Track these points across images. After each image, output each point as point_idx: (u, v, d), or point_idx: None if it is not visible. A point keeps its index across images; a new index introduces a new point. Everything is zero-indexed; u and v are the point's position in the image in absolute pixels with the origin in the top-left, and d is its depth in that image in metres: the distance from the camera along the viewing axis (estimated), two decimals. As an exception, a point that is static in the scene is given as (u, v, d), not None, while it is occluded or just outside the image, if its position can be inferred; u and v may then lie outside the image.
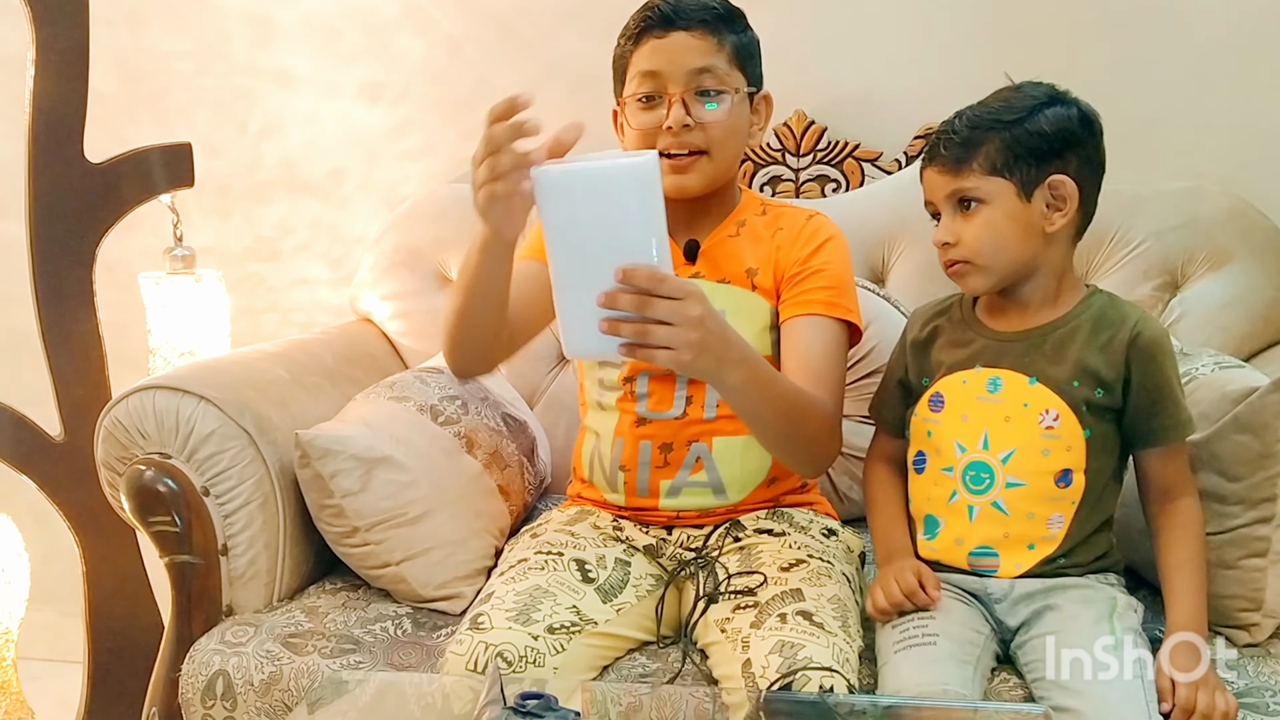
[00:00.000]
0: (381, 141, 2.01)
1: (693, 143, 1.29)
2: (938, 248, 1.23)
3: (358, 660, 1.29)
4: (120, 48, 2.00)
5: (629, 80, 1.33)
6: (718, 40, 1.30)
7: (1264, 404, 1.19)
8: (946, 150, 1.20)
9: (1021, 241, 1.19)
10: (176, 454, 1.36)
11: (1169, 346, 1.20)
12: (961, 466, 1.22)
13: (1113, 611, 1.16)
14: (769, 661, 1.11)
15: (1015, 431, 1.20)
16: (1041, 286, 1.23)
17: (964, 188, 1.19)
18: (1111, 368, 1.18)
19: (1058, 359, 1.20)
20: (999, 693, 1.18)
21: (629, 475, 1.36)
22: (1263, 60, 1.73)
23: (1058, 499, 1.19)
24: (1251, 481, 1.21)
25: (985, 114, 1.20)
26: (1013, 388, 1.21)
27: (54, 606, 1.99)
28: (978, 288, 1.23)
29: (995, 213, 1.18)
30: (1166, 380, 1.19)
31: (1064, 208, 1.19)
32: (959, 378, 1.24)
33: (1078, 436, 1.19)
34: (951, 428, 1.24)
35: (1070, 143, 1.19)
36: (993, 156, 1.18)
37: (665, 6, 1.30)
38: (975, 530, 1.22)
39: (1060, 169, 1.18)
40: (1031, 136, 1.18)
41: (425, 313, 1.84)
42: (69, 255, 1.66)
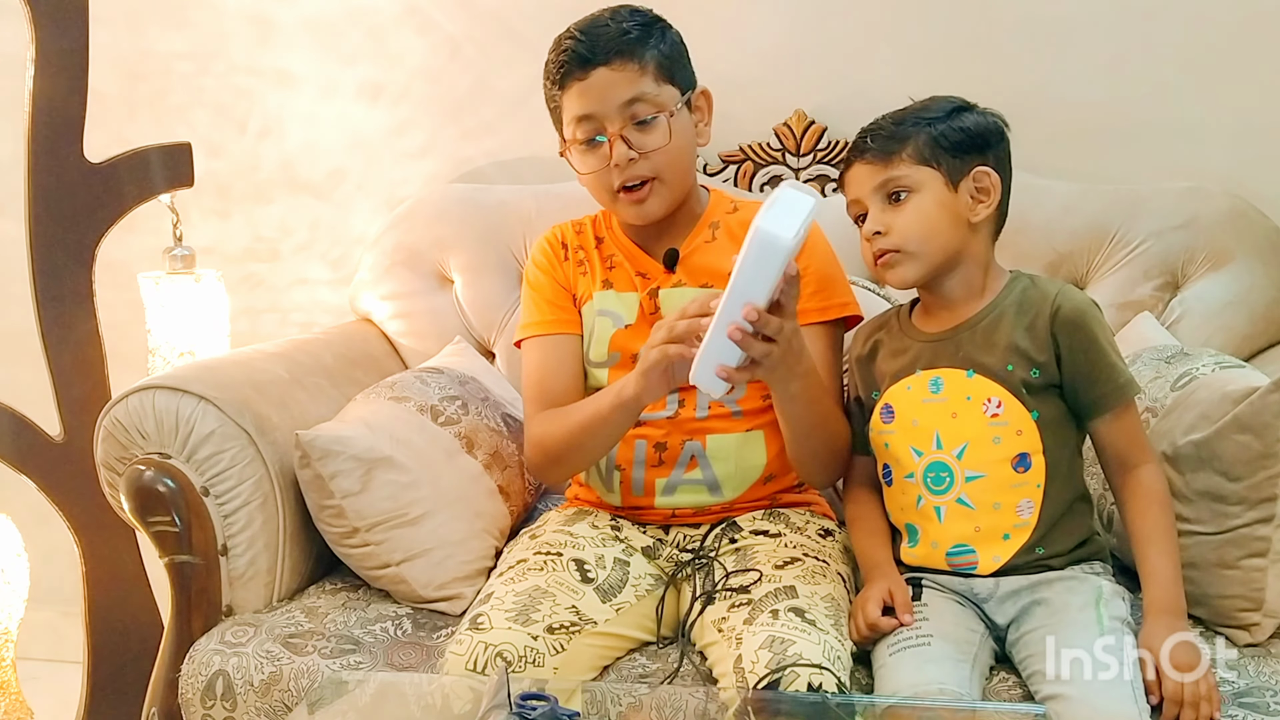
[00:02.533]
0: (381, 141, 2.01)
1: (641, 173, 1.31)
2: (866, 241, 1.25)
3: (358, 660, 1.29)
4: (120, 48, 2.00)
5: (566, 124, 1.34)
6: (639, 65, 1.30)
7: (1264, 404, 1.19)
8: (874, 143, 1.24)
9: (950, 229, 1.22)
10: (176, 454, 1.36)
11: (1094, 313, 1.22)
12: (921, 470, 1.24)
13: (1099, 599, 1.17)
14: (758, 656, 1.11)
15: (963, 426, 1.22)
16: (966, 280, 1.25)
17: (894, 176, 1.22)
18: (1040, 346, 1.20)
19: (989, 347, 1.22)
20: (998, 692, 1.18)
21: (624, 474, 1.36)
22: (1263, 60, 1.73)
23: (1020, 484, 1.21)
24: (1252, 481, 1.21)
25: (908, 114, 1.25)
26: (953, 384, 1.23)
27: (54, 606, 1.99)
28: (908, 277, 1.24)
29: (925, 200, 1.21)
30: (1097, 347, 1.20)
31: (987, 199, 1.23)
32: (903, 385, 1.26)
33: (1025, 420, 1.20)
34: (905, 435, 1.26)
35: (989, 142, 1.25)
36: (920, 148, 1.22)
37: (580, 46, 1.29)
38: (947, 530, 1.23)
39: (983, 163, 1.23)
40: (955, 132, 1.23)
41: (425, 313, 1.84)
42: (69, 255, 1.66)
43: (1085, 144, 1.77)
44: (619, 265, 1.41)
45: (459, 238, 1.83)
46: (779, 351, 1.13)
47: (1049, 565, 1.21)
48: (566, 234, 1.45)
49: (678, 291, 1.37)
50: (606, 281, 1.40)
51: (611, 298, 1.39)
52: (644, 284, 1.38)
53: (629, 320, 1.38)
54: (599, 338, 1.39)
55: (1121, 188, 1.70)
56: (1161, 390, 1.35)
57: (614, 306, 1.39)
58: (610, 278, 1.40)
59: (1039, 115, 1.78)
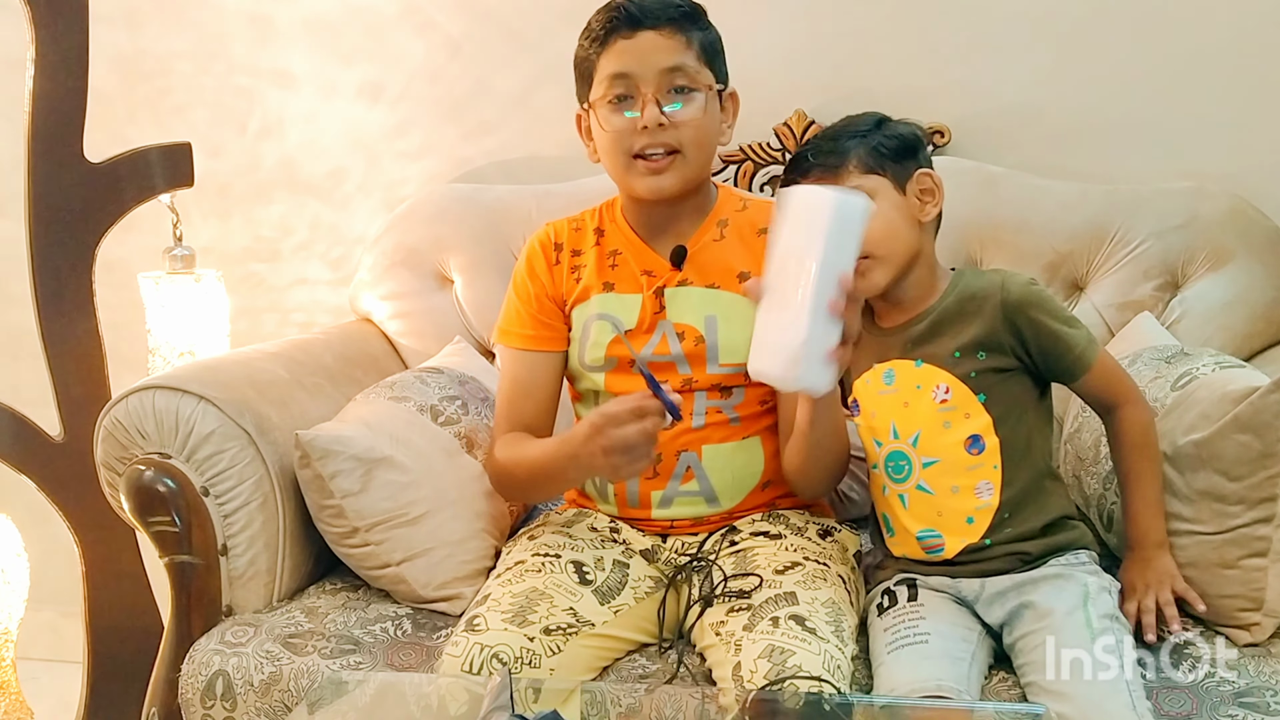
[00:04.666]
0: (381, 141, 2.01)
1: (667, 142, 1.29)
2: None
3: (358, 661, 1.29)
4: (120, 48, 2.00)
5: (597, 83, 1.32)
6: (685, 38, 1.30)
7: (1264, 404, 1.19)
8: (817, 159, 1.25)
9: (907, 230, 1.25)
10: (176, 454, 1.36)
11: (1038, 293, 1.25)
12: (883, 460, 1.28)
13: (1086, 599, 1.17)
14: (758, 666, 1.10)
15: (915, 414, 1.25)
16: (919, 279, 1.28)
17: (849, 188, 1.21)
18: (989, 332, 1.23)
19: (935, 338, 1.25)
20: (997, 692, 1.18)
21: (619, 487, 1.36)
22: (1263, 60, 1.73)
23: (976, 466, 1.23)
24: (1252, 481, 1.20)
25: (840, 130, 1.28)
26: (904, 375, 1.26)
27: (54, 606, 1.99)
28: (879, 282, 1.25)
29: (882, 205, 1.22)
30: (1047, 326, 1.23)
31: (932, 199, 1.27)
32: (863, 380, 1.30)
33: (973, 404, 1.23)
34: (868, 428, 1.30)
35: (917, 148, 1.28)
36: (864, 158, 1.24)
37: (631, 6, 1.30)
38: (911, 516, 1.26)
39: (919, 166, 1.27)
40: (889, 139, 1.26)
41: (425, 313, 1.84)
42: (69, 255, 1.66)
43: (1085, 144, 1.77)
44: (622, 263, 1.38)
45: (459, 238, 1.83)
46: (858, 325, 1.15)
47: (1026, 553, 1.22)
48: (561, 233, 1.42)
49: (684, 291, 1.35)
50: (608, 284, 1.37)
51: (613, 300, 1.37)
52: (649, 282, 1.36)
53: (629, 325, 1.35)
54: (596, 341, 1.36)
55: (1121, 188, 1.70)
56: (1162, 390, 1.35)
57: (614, 310, 1.36)
58: (612, 278, 1.37)
59: (1039, 115, 1.79)
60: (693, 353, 1.33)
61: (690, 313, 1.34)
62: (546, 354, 1.39)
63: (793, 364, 1.09)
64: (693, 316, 1.34)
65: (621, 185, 1.36)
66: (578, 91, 1.37)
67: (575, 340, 1.38)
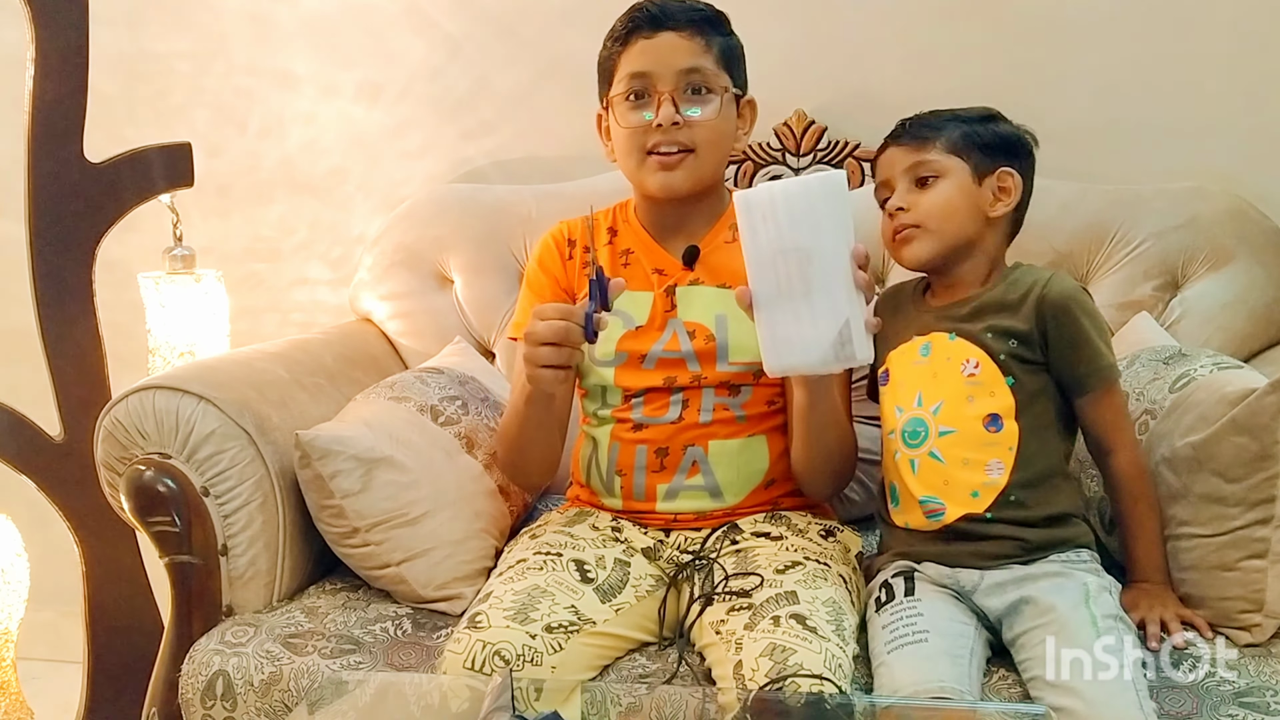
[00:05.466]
0: (381, 141, 2.01)
1: (681, 141, 1.31)
2: (889, 217, 1.32)
3: (358, 660, 1.29)
4: (120, 48, 2.00)
5: (617, 80, 1.34)
6: (705, 41, 1.32)
7: (1262, 405, 1.19)
8: (911, 129, 1.32)
9: (967, 216, 1.29)
10: (176, 454, 1.36)
11: (1081, 299, 1.27)
12: (901, 426, 1.29)
13: (1088, 598, 1.17)
14: (759, 664, 1.10)
15: (941, 384, 1.27)
16: (974, 268, 1.31)
17: (925, 160, 1.30)
18: (1023, 321, 1.25)
19: (974, 318, 1.28)
20: (998, 689, 1.18)
21: (625, 480, 1.36)
22: (1263, 61, 1.73)
23: (991, 444, 1.24)
24: (1250, 483, 1.20)
25: (944, 112, 1.33)
26: (938, 347, 1.29)
27: (54, 606, 1.99)
28: (920, 254, 1.30)
29: (950, 186, 1.29)
30: (1081, 330, 1.25)
31: (1007, 198, 1.31)
32: (899, 350, 1.32)
33: (1000, 383, 1.25)
34: (893, 395, 1.32)
35: (1016, 152, 1.32)
36: (954, 140, 1.30)
37: (653, 7, 1.32)
38: (919, 482, 1.27)
39: (1007, 164, 1.31)
40: (988, 133, 1.31)
41: (425, 313, 1.84)
42: (69, 255, 1.66)
43: (1085, 144, 1.77)
44: (634, 261, 1.39)
45: (458, 238, 1.83)
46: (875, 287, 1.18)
47: (1025, 539, 1.22)
48: (575, 229, 1.44)
49: (695, 290, 1.37)
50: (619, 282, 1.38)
51: (624, 297, 1.36)
52: (660, 281, 1.37)
53: (640, 321, 1.37)
54: (606, 335, 1.36)
55: (1121, 188, 1.70)
56: (1160, 392, 1.35)
57: (625, 306, 1.37)
58: (624, 276, 1.37)
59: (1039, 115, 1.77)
60: (703, 351, 1.34)
61: (701, 311, 1.35)
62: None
63: (841, 345, 1.13)
64: (703, 315, 1.35)
65: (635, 183, 1.38)
66: (599, 92, 1.39)
67: None
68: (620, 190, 1.51)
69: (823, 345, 1.14)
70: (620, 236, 1.41)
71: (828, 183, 1.12)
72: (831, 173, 1.12)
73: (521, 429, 1.35)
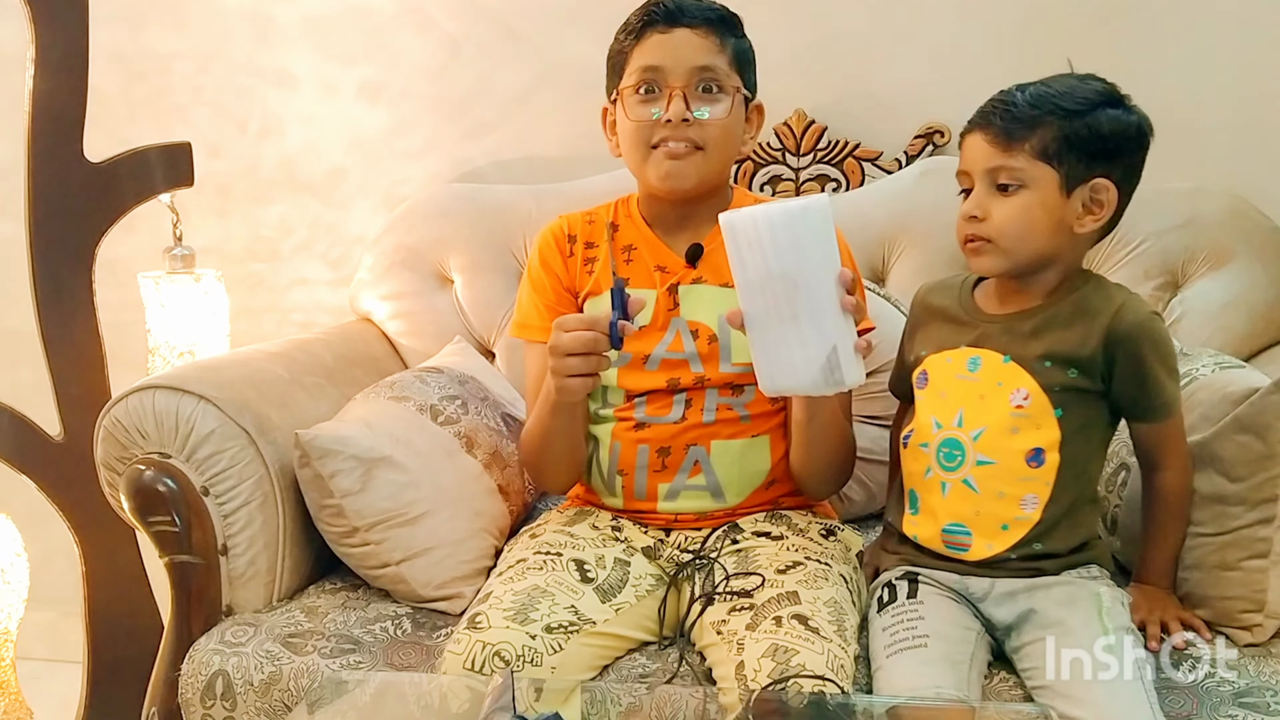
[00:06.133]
0: (381, 141, 2.01)
1: (690, 138, 1.30)
2: (963, 220, 1.21)
3: (357, 660, 1.29)
4: (120, 48, 2.00)
5: (628, 73, 1.33)
6: (720, 40, 1.31)
7: (1265, 404, 1.19)
8: (1002, 121, 1.17)
9: (1049, 235, 1.18)
10: (176, 454, 1.36)
11: (1153, 329, 1.19)
12: (936, 443, 1.24)
13: (1100, 610, 1.16)
14: (761, 665, 1.10)
15: (987, 410, 1.21)
16: (1046, 280, 1.23)
17: (1008, 166, 1.17)
18: (1087, 350, 1.18)
19: (1034, 340, 1.20)
20: (998, 692, 1.17)
21: (626, 479, 1.36)
22: (1263, 61, 1.73)
23: (1030, 479, 1.20)
24: (1253, 482, 1.20)
25: (1048, 95, 1.17)
26: (990, 367, 1.22)
27: (54, 606, 1.99)
28: (990, 269, 1.22)
29: (1032, 199, 1.17)
30: (1148, 366, 1.18)
31: (1099, 212, 1.18)
32: (944, 356, 1.26)
33: (1048, 417, 1.19)
34: (931, 404, 1.25)
35: (1121, 150, 1.18)
36: (1046, 142, 1.15)
37: (670, 3, 1.31)
38: (947, 506, 1.23)
39: (1106, 173, 1.17)
40: (1089, 132, 1.16)
41: (425, 313, 1.84)
42: (69, 255, 1.66)
43: (1085, 144, 1.76)
44: (637, 258, 1.38)
45: (459, 238, 1.83)
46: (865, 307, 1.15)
47: (1042, 570, 1.21)
48: (575, 225, 1.42)
49: (698, 289, 1.36)
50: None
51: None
52: (663, 279, 1.37)
53: (643, 320, 1.35)
54: None
55: (1121, 188, 1.70)
56: (1162, 391, 1.34)
57: None
58: (626, 273, 1.38)
59: (1039, 115, 1.79)
60: (706, 351, 1.34)
61: (704, 311, 1.35)
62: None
63: (830, 370, 1.11)
64: (706, 315, 1.35)
65: (639, 178, 1.37)
66: (607, 85, 1.38)
67: None
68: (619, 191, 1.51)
69: (812, 370, 1.12)
70: (622, 232, 1.40)
71: (811, 209, 1.08)
72: (815, 198, 1.09)
73: (549, 438, 1.34)
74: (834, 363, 1.10)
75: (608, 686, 1.18)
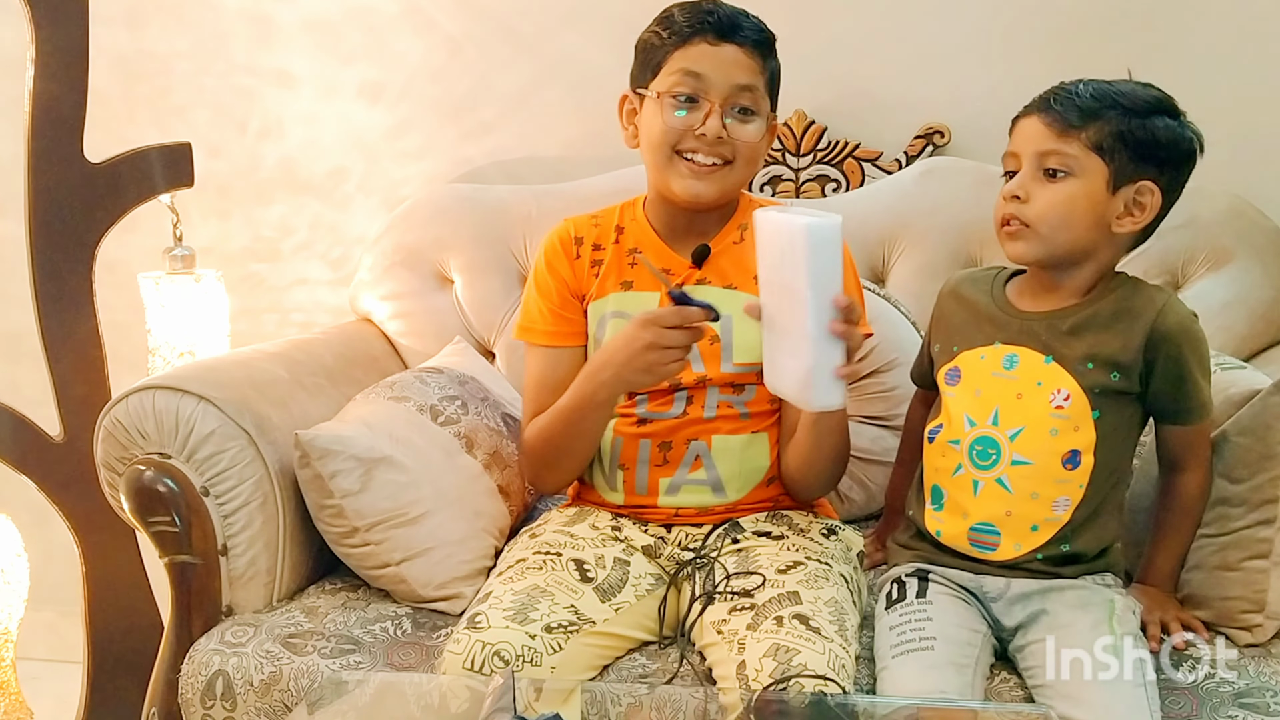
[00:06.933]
0: (381, 141, 2.01)
1: (722, 154, 1.30)
2: (1004, 200, 1.21)
3: (357, 660, 1.29)
4: (120, 48, 2.00)
5: (666, 73, 1.31)
6: (763, 62, 1.31)
7: (1266, 406, 1.19)
8: (1062, 107, 1.18)
9: (1088, 228, 1.18)
10: (176, 454, 1.36)
11: (1194, 332, 1.20)
12: (969, 441, 1.23)
13: (1111, 615, 1.16)
14: (763, 665, 1.10)
15: (1025, 409, 1.20)
16: (1080, 278, 1.22)
17: (1061, 151, 1.17)
18: (1129, 352, 1.18)
19: (1075, 341, 1.20)
20: (999, 693, 1.18)
21: (628, 474, 1.36)
22: (1263, 61, 1.73)
23: (1064, 481, 1.19)
24: (1253, 483, 1.21)
25: (1111, 92, 1.18)
26: (1028, 366, 1.21)
27: (54, 606, 1.99)
28: (1023, 255, 1.21)
29: (1078, 189, 1.17)
30: (1188, 368, 1.19)
31: (1139, 215, 1.19)
32: (977, 353, 1.25)
33: (1086, 418, 1.19)
34: (964, 401, 1.24)
35: (1173, 159, 1.19)
36: (1102, 135, 1.16)
37: (724, 16, 1.30)
38: (978, 506, 1.22)
39: (1153, 177, 1.18)
40: (1145, 134, 1.17)
41: (425, 313, 1.84)
42: (69, 255, 1.66)
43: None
44: (641, 261, 1.38)
45: (459, 238, 1.83)
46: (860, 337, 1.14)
47: (1060, 573, 1.20)
48: (582, 228, 1.42)
49: (702, 289, 1.35)
50: (627, 282, 1.38)
51: (629, 299, 1.37)
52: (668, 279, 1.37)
53: None
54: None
55: (1121, 188, 1.70)
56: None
57: (632, 308, 1.36)
58: (631, 276, 1.38)
59: (1039, 115, 1.79)
60: (708, 351, 1.34)
61: None
62: (569, 349, 1.39)
63: (805, 388, 1.12)
64: None
65: (657, 181, 1.35)
66: (633, 73, 1.36)
67: (591, 336, 1.39)
68: (619, 191, 1.51)
69: (794, 380, 1.14)
70: (627, 234, 1.40)
71: (819, 230, 1.07)
72: (827, 219, 1.08)
73: (578, 438, 1.34)
74: (809, 382, 1.11)
75: (608, 686, 1.18)
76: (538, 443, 1.38)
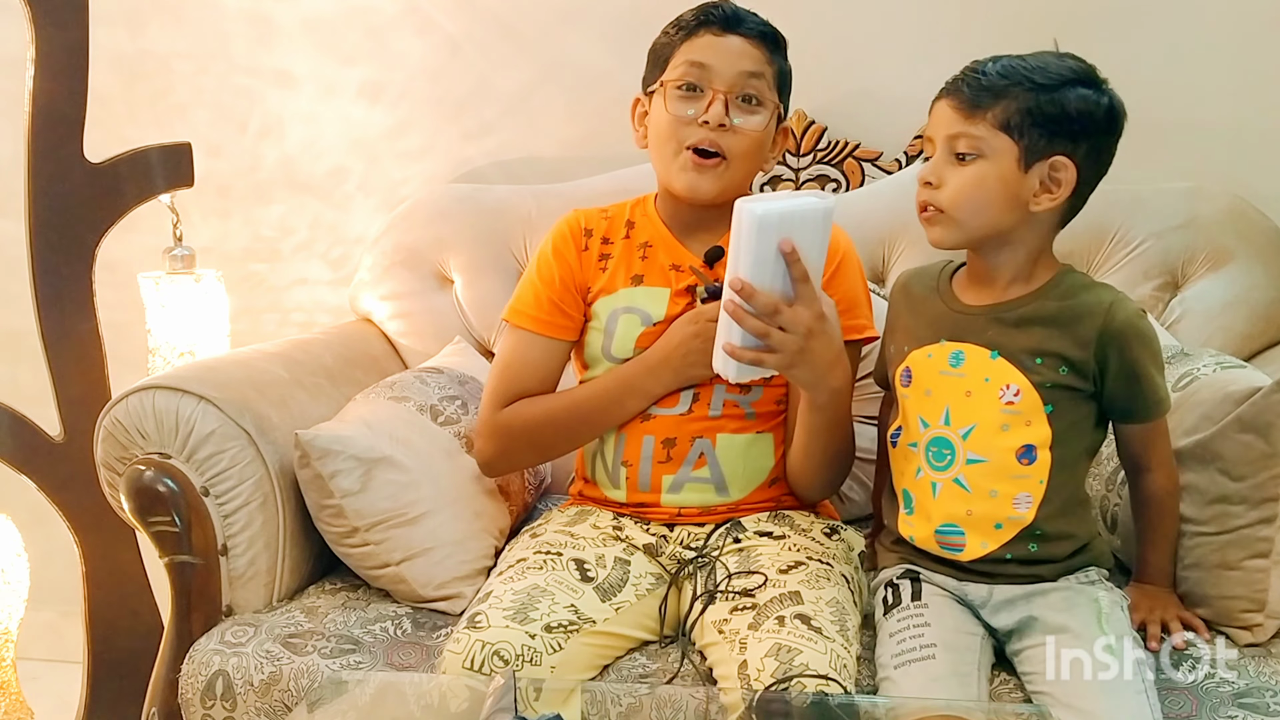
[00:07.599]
0: (381, 141, 2.01)
1: (722, 144, 1.30)
2: (919, 184, 1.19)
3: (357, 660, 1.29)
4: (120, 48, 2.00)
5: (672, 66, 1.33)
6: (769, 55, 1.33)
7: (1267, 404, 1.19)
8: (969, 88, 1.16)
9: (1002, 209, 1.16)
10: (176, 454, 1.36)
11: (1143, 327, 1.18)
12: (925, 442, 1.22)
13: (1099, 616, 1.16)
14: (764, 665, 1.10)
15: (975, 407, 1.19)
16: (1013, 261, 1.20)
17: (968, 134, 1.14)
18: (1080, 348, 1.16)
19: (1022, 335, 1.18)
20: (999, 695, 1.17)
21: (631, 471, 1.36)
22: (1262, 60, 1.73)
23: (1021, 477, 1.18)
24: (1255, 481, 1.20)
25: (1019, 67, 1.15)
26: (975, 362, 1.20)
27: (54, 606, 1.99)
28: (942, 240, 1.19)
29: (988, 171, 1.14)
30: (1141, 365, 1.17)
31: (1055, 191, 1.15)
32: (925, 352, 1.24)
33: (1038, 412, 1.17)
34: (917, 403, 1.23)
35: (1088, 130, 1.15)
36: (1009, 113, 1.13)
37: (729, 9, 1.33)
38: (939, 507, 1.21)
39: (1068, 151, 1.15)
40: (1055, 108, 1.13)
41: (425, 313, 1.84)
42: (69, 255, 1.66)
43: (1085, 144, 1.76)
44: (652, 255, 1.38)
45: (459, 238, 1.83)
46: (794, 344, 1.14)
47: (1040, 575, 1.20)
48: (592, 220, 1.42)
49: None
50: (636, 276, 1.38)
51: (641, 294, 1.37)
52: (677, 277, 1.37)
53: (657, 318, 1.36)
54: (624, 334, 1.36)
55: (1121, 188, 1.69)
56: (1162, 391, 1.34)
57: (643, 303, 1.36)
58: (641, 270, 1.38)
59: (1039, 115, 1.79)
60: None
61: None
62: (555, 341, 1.39)
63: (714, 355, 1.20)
64: None
65: (662, 176, 1.37)
66: (645, 76, 1.38)
67: (599, 331, 1.38)
68: (619, 191, 1.51)
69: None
70: (638, 229, 1.40)
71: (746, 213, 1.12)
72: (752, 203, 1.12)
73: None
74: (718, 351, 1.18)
75: (608, 686, 1.18)
76: (530, 425, 1.37)
